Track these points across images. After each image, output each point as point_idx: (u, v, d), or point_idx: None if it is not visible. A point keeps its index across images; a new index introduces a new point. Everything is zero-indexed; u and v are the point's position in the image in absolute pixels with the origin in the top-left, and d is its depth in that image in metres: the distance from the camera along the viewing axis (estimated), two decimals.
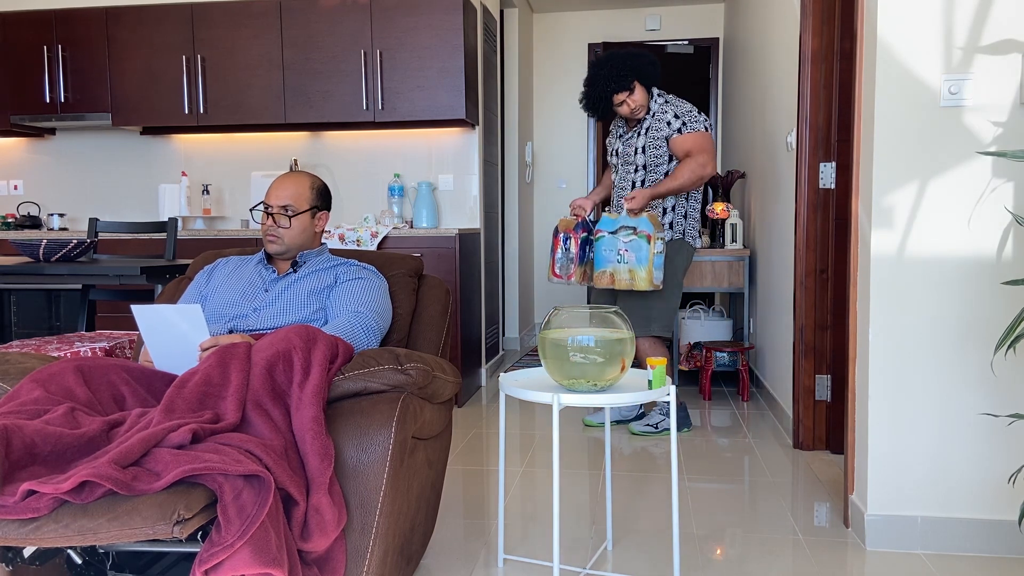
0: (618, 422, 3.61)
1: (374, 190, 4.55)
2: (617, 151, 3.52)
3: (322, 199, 2.20)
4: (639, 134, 3.40)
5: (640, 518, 2.53)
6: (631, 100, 3.34)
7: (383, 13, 4.11)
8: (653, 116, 3.37)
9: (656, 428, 3.47)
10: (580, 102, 3.44)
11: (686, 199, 3.47)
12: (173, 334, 1.79)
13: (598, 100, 3.34)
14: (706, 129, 3.34)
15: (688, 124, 3.32)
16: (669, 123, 3.34)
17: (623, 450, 3.28)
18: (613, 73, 3.28)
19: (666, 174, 3.39)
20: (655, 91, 3.42)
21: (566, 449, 3.29)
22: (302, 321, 2.06)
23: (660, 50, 6.19)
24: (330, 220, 4.56)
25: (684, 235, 3.48)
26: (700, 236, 3.66)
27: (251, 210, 2.21)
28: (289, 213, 2.12)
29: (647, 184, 3.42)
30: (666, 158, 3.39)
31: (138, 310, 1.78)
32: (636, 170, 3.42)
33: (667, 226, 3.45)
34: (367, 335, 2.00)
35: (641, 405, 3.59)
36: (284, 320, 2.05)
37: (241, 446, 1.47)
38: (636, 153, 3.41)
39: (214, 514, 1.39)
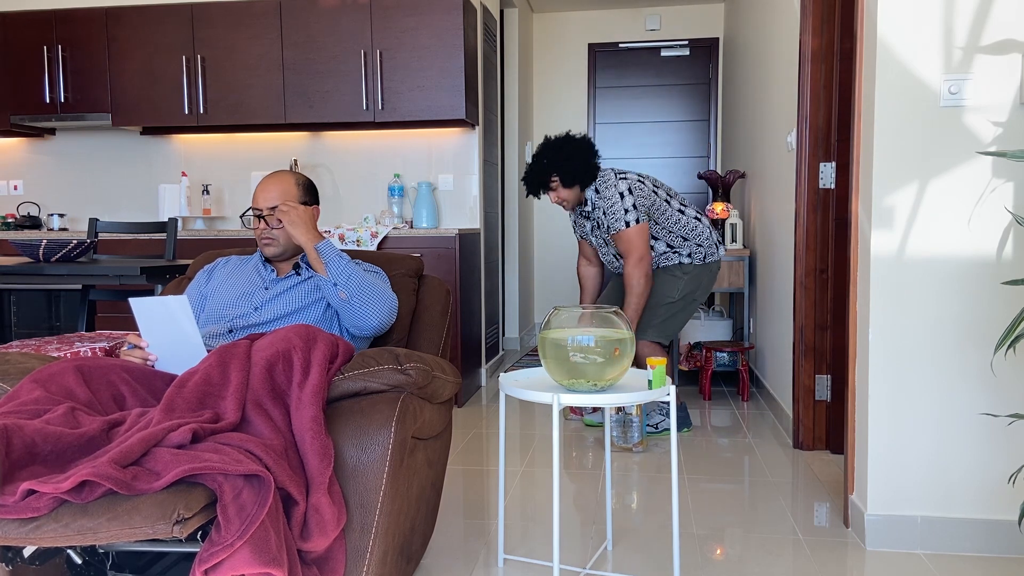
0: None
1: (374, 190, 4.55)
2: (590, 230, 3.49)
3: (310, 194, 2.17)
4: (596, 225, 3.40)
5: (640, 518, 2.53)
6: (553, 195, 3.34)
7: (383, 13, 4.11)
8: (594, 209, 3.36)
9: (656, 428, 3.45)
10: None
11: (683, 238, 3.39)
12: (169, 326, 1.81)
13: (529, 183, 3.34)
14: (627, 224, 3.24)
15: (611, 225, 3.27)
16: (599, 221, 3.35)
17: (624, 454, 3.28)
18: (540, 164, 3.27)
19: None
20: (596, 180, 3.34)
21: (566, 449, 3.29)
22: (302, 320, 2.06)
23: (656, 52, 6.20)
24: (330, 220, 4.56)
25: (705, 259, 3.42)
26: (718, 245, 3.47)
27: (241, 217, 2.20)
28: (282, 209, 2.07)
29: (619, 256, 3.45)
30: None
31: (135, 302, 1.80)
32: (607, 244, 3.42)
33: (687, 258, 3.41)
34: (385, 304, 2.03)
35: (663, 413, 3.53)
36: (284, 319, 2.05)
37: (241, 446, 1.47)
38: (606, 243, 3.42)
39: (214, 514, 1.39)
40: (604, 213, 3.27)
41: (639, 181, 3.31)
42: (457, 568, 2.17)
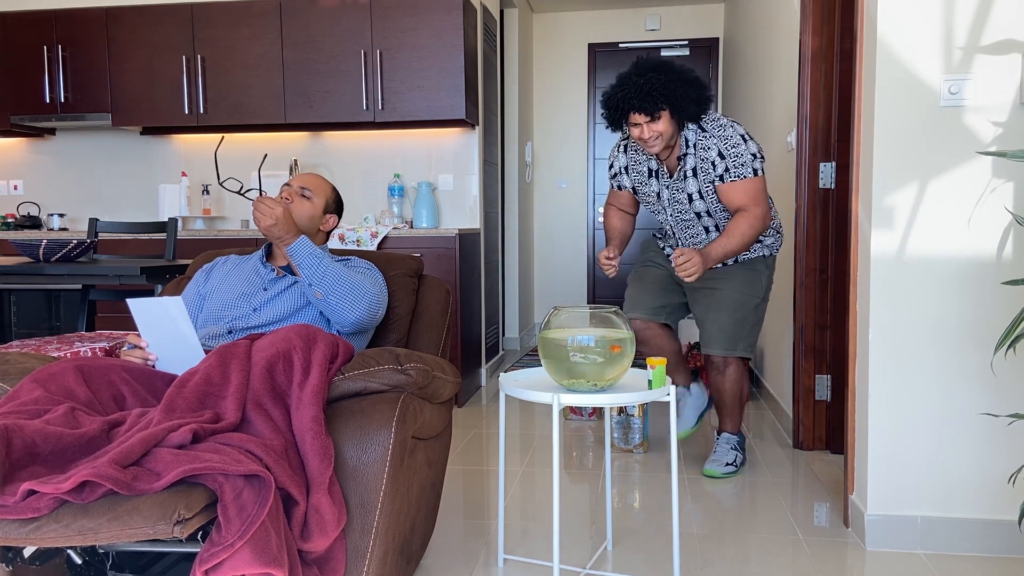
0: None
1: (374, 190, 4.56)
2: (659, 195, 2.81)
3: (336, 204, 2.29)
4: (685, 176, 2.70)
5: (640, 518, 2.53)
6: (649, 128, 2.60)
7: (383, 13, 4.11)
8: (695, 153, 2.68)
9: (736, 466, 2.94)
10: (600, 100, 2.73)
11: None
12: (167, 326, 1.82)
13: (614, 110, 2.63)
14: (755, 173, 2.64)
15: (732, 170, 2.63)
16: (714, 164, 2.65)
17: (622, 456, 3.28)
18: (644, 88, 2.55)
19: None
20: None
21: (566, 449, 3.29)
22: (301, 320, 2.06)
23: (656, 52, 6.20)
24: None
25: (777, 250, 2.92)
26: (778, 232, 2.92)
27: (244, 193, 2.22)
28: (304, 194, 2.19)
29: (721, 229, 2.80)
30: None
31: (133, 303, 1.82)
32: (700, 217, 2.77)
33: (767, 249, 2.88)
34: (363, 298, 2.01)
35: (703, 410, 3.15)
36: (283, 319, 2.05)
37: (241, 446, 1.47)
38: (691, 200, 2.74)
39: (214, 514, 1.39)
40: (720, 155, 2.62)
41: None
42: (457, 568, 2.17)
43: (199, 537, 1.43)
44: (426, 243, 3.97)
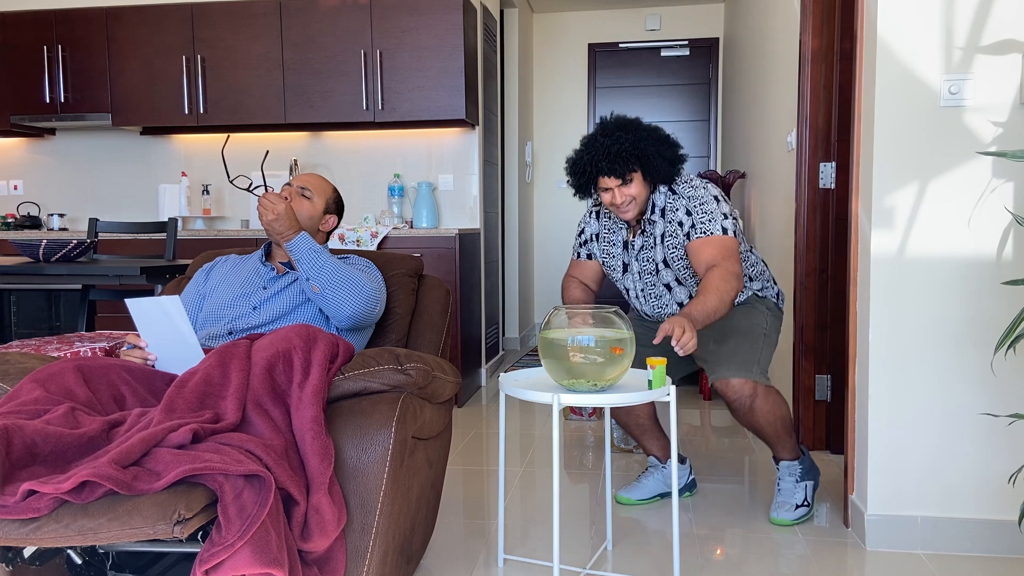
0: (664, 495, 2.72)
1: (374, 190, 4.55)
2: (627, 267, 2.56)
3: (336, 204, 2.29)
4: (653, 243, 2.47)
5: (640, 518, 2.53)
6: (621, 192, 2.38)
7: (383, 13, 4.11)
8: (663, 215, 2.45)
9: (810, 504, 2.54)
10: (564, 167, 2.52)
11: (749, 278, 2.57)
12: (166, 326, 1.82)
13: (581, 175, 2.41)
14: (724, 231, 2.38)
15: (698, 225, 2.39)
16: (681, 223, 2.42)
17: (621, 457, 3.28)
18: (612, 149, 2.34)
19: None
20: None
21: (566, 449, 3.29)
22: (300, 317, 2.06)
23: (656, 52, 6.20)
24: None
25: (777, 302, 2.63)
26: (773, 287, 2.66)
27: (253, 189, 2.24)
28: (304, 193, 2.20)
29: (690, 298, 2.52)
30: None
31: (132, 303, 1.82)
32: (671, 289, 2.52)
33: (759, 292, 2.60)
34: (359, 291, 2.01)
35: (691, 472, 2.78)
36: (283, 316, 2.05)
37: (241, 446, 1.47)
38: (658, 270, 2.49)
39: (214, 514, 1.39)
40: (688, 213, 2.40)
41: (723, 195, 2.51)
42: (457, 568, 2.17)
43: (199, 537, 1.43)
44: (426, 243, 3.97)
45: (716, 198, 2.43)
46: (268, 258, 2.22)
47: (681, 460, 2.75)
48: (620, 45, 6.27)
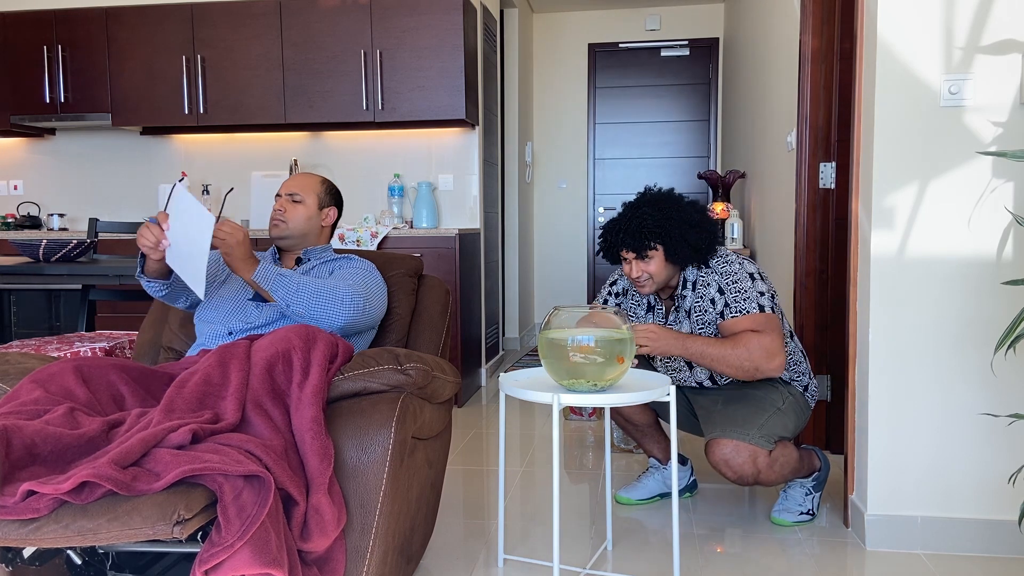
0: (664, 495, 2.71)
1: (374, 190, 4.55)
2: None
3: (330, 196, 2.28)
4: (681, 318, 2.40)
5: (640, 518, 2.53)
6: (637, 266, 2.32)
7: (383, 13, 4.11)
8: (694, 290, 2.37)
9: (814, 513, 2.51)
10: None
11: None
12: (191, 230, 1.82)
13: (607, 241, 2.37)
14: (762, 309, 2.27)
15: (732, 304, 2.29)
16: (713, 301, 2.33)
17: (622, 457, 3.28)
18: (633, 224, 2.28)
19: None
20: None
21: (566, 449, 3.29)
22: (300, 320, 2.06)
23: (656, 52, 6.20)
24: None
25: (805, 391, 2.49)
26: (811, 378, 2.52)
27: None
28: (294, 199, 2.20)
29: (718, 382, 2.47)
30: None
31: (180, 187, 1.86)
32: (692, 367, 2.46)
33: (787, 379, 2.47)
34: (340, 302, 1.97)
35: (691, 473, 2.76)
36: (283, 319, 2.05)
37: (241, 446, 1.47)
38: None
39: (214, 514, 1.39)
40: (720, 291, 2.31)
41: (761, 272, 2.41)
42: (457, 568, 2.17)
43: (199, 537, 1.43)
44: (426, 243, 3.97)
45: (751, 276, 2.33)
46: (277, 245, 2.25)
47: (683, 461, 2.75)
48: (620, 45, 6.27)
